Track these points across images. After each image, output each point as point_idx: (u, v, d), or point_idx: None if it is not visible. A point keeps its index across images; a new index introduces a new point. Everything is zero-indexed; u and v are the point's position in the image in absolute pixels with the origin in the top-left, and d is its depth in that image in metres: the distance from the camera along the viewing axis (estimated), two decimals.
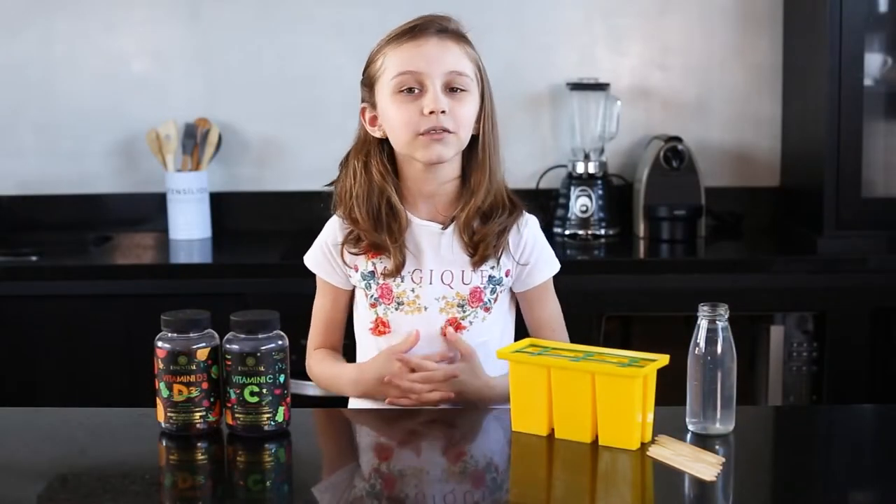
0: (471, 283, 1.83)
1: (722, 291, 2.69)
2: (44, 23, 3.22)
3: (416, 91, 1.76)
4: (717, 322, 1.57)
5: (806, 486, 1.46)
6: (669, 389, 1.71)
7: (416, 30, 1.77)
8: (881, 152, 2.94)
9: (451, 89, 1.77)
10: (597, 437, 1.55)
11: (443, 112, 1.74)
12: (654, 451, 1.51)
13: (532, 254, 1.87)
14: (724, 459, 1.48)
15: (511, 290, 1.90)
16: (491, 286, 1.84)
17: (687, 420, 1.59)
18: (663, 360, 1.57)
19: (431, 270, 1.82)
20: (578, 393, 1.55)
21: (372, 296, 1.84)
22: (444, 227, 1.83)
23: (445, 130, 1.75)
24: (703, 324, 1.58)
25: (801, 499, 1.42)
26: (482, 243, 1.81)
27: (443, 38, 1.77)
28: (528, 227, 1.88)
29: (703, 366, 1.57)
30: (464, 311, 1.83)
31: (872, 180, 2.92)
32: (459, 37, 1.80)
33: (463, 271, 1.83)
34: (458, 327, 1.83)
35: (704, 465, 1.45)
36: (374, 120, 1.83)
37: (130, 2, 3.22)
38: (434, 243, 1.83)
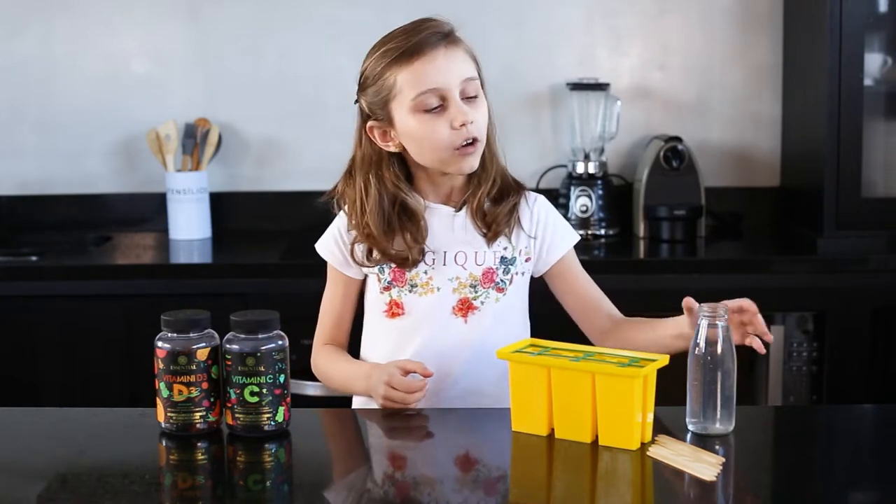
0: (484, 264, 1.85)
1: (722, 291, 2.68)
2: (44, 23, 3.22)
3: (439, 107, 1.77)
4: (718, 322, 1.57)
5: (806, 486, 1.46)
6: (669, 389, 1.71)
7: (418, 45, 1.75)
8: (881, 152, 2.94)
9: (466, 97, 1.78)
10: (597, 437, 1.55)
11: (471, 122, 1.76)
12: (654, 451, 1.51)
13: (546, 227, 1.89)
14: (724, 459, 1.48)
15: (532, 277, 1.91)
16: (503, 266, 1.86)
17: (687, 420, 1.60)
18: (663, 360, 1.57)
19: (445, 252, 1.84)
20: (578, 393, 1.55)
21: (385, 279, 1.85)
22: (458, 210, 1.85)
23: (476, 140, 1.78)
24: (703, 324, 1.58)
25: (801, 499, 1.42)
26: (494, 223, 1.84)
27: (448, 46, 1.77)
28: (538, 203, 1.91)
29: (702, 366, 1.57)
30: (476, 292, 1.84)
31: (872, 180, 2.92)
32: (458, 39, 1.80)
33: (476, 252, 1.85)
34: (469, 307, 1.84)
35: (704, 465, 1.45)
36: (384, 135, 1.83)
37: (130, 2, 3.22)
38: (447, 225, 1.85)
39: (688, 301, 1.70)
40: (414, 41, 1.76)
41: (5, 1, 3.22)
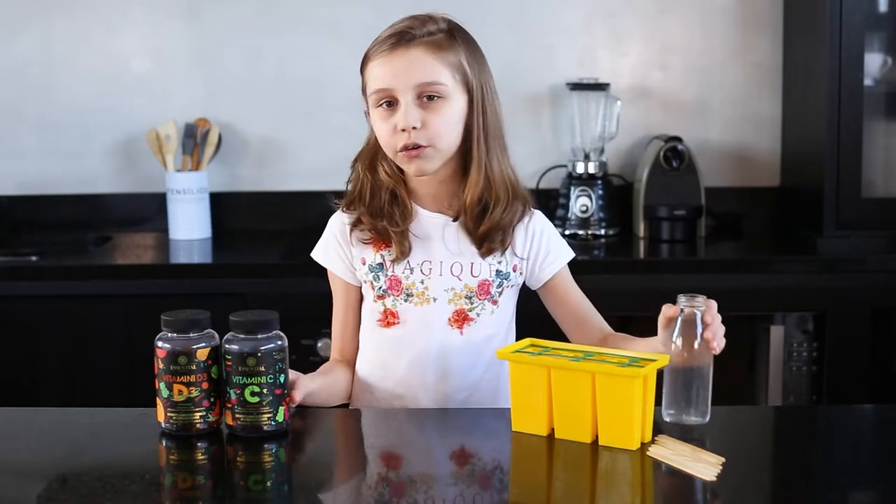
0: (479, 276, 1.83)
1: (722, 291, 2.68)
2: (44, 23, 3.22)
3: (393, 105, 1.77)
4: (696, 312, 1.58)
5: (806, 486, 1.46)
6: None
7: (389, 41, 1.75)
8: (881, 152, 2.94)
9: (427, 97, 1.76)
10: (597, 437, 1.55)
11: (415, 128, 1.74)
12: (654, 451, 1.51)
13: (540, 246, 1.87)
14: (724, 459, 1.48)
15: (523, 288, 1.90)
16: (498, 280, 1.84)
17: (663, 411, 1.59)
18: (663, 360, 1.57)
19: (441, 262, 1.83)
20: (578, 393, 1.55)
21: (380, 287, 1.84)
22: (454, 220, 1.84)
23: (421, 146, 1.76)
24: (682, 314, 1.58)
25: (801, 499, 1.42)
26: (486, 237, 1.82)
27: (413, 49, 1.75)
28: (533, 222, 1.88)
29: (678, 356, 1.58)
30: (472, 303, 1.83)
31: (872, 180, 2.92)
32: (436, 42, 1.76)
33: (472, 263, 1.83)
34: (465, 319, 1.83)
35: (704, 465, 1.45)
36: None
37: (130, 2, 3.23)
38: (442, 235, 1.83)
39: (668, 311, 1.63)
40: (388, 35, 1.76)
41: (5, 1, 3.22)
